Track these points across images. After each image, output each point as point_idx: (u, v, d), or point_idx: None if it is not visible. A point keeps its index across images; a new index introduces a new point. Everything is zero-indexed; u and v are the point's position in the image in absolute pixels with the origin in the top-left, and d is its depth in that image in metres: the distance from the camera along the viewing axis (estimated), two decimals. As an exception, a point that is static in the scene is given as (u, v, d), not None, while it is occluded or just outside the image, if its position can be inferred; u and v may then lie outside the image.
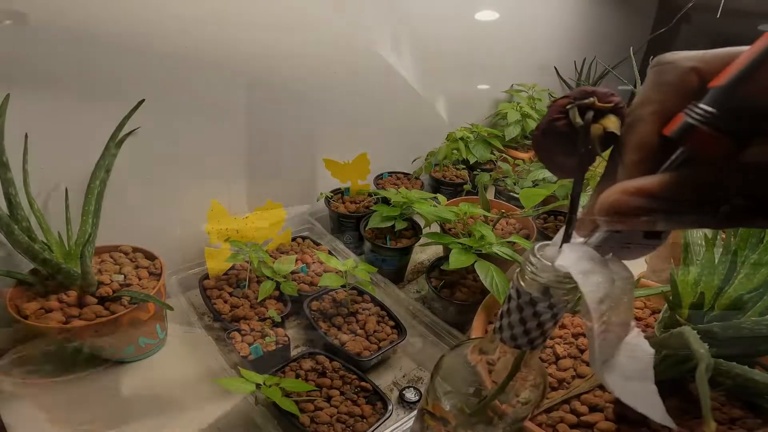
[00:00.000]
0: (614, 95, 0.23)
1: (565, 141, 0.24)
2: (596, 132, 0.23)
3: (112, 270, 0.64)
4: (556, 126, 0.24)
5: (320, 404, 0.57)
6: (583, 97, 0.23)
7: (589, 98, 0.23)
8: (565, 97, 0.24)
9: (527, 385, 0.36)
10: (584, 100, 0.23)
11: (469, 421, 0.37)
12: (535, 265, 0.25)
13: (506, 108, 1.22)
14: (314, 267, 0.82)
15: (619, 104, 0.23)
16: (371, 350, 0.65)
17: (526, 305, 0.26)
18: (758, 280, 0.42)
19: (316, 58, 0.84)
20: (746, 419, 0.43)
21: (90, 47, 0.58)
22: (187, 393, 0.63)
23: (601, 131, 0.23)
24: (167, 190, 0.74)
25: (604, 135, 0.23)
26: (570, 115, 0.23)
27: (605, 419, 0.44)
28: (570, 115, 0.23)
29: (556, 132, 0.24)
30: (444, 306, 0.73)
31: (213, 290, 0.73)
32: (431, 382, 0.39)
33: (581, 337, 0.54)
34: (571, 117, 0.23)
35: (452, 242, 0.67)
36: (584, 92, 0.23)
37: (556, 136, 0.24)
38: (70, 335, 0.56)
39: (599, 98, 0.23)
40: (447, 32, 1.07)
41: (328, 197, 0.93)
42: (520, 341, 0.28)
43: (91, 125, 0.62)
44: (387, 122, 1.06)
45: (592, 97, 0.23)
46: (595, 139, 0.23)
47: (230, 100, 0.75)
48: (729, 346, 0.42)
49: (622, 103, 0.23)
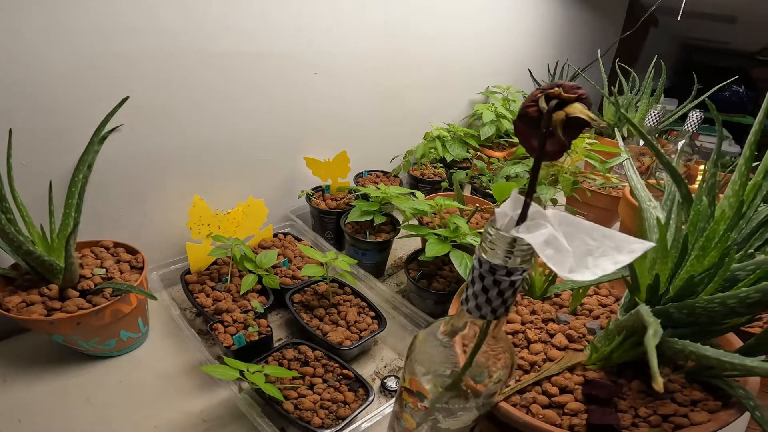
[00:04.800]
0: (579, 88, 0.27)
1: (535, 126, 0.27)
2: (558, 117, 0.26)
3: (93, 264, 0.64)
4: (528, 112, 0.28)
5: (303, 391, 0.59)
6: (551, 88, 0.27)
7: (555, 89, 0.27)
8: (538, 89, 0.28)
9: (499, 365, 0.38)
10: (551, 90, 0.27)
11: (444, 395, 0.39)
12: (492, 236, 0.27)
13: (482, 109, 1.26)
14: (296, 261, 0.83)
15: (583, 95, 0.26)
16: (352, 340, 0.67)
17: (487, 273, 0.29)
18: (708, 262, 0.45)
19: (298, 59, 0.86)
20: (707, 401, 0.45)
21: (74, 44, 0.59)
22: (170, 385, 0.64)
23: (563, 116, 0.26)
24: (149, 186, 0.75)
25: (566, 120, 0.26)
26: (539, 103, 0.27)
27: (575, 400, 0.46)
28: (539, 102, 0.27)
29: (529, 117, 0.28)
30: (422, 296, 0.75)
31: (195, 285, 0.74)
32: (407, 360, 0.41)
33: (551, 322, 0.57)
34: (539, 104, 0.27)
35: (429, 233, 0.70)
36: (553, 84, 0.27)
37: (529, 121, 0.28)
38: (52, 328, 0.56)
39: (565, 89, 0.26)
40: (424, 34, 1.10)
41: (309, 194, 0.95)
42: (484, 310, 0.30)
43: (75, 122, 0.63)
44: (367, 122, 1.08)
45: (558, 88, 0.27)
46: (557, 124, 0.26)
47: (213, 98, 0.76)
48: (685, 326, 0.45)
49: (586, 95, 0.27)
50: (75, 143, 0.63)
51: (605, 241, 0.25)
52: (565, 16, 1.71)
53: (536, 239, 0.25)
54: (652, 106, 1.38)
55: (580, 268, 0.25)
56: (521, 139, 0.29)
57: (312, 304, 0.73)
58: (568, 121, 0.26)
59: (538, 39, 1.60)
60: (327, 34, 0.88)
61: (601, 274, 0.24)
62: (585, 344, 0.53)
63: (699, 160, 1.29)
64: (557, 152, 0.27)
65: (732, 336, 0.52)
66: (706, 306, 0.41)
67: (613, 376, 0.49)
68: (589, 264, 0.25)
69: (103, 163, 0.66)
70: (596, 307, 0.60)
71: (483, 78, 1.41)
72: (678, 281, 0.47)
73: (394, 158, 1.18)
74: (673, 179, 0.52)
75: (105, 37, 0.61)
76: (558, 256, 0.25)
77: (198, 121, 0.76)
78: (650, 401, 0.46)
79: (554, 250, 0.25)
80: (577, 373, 0.50)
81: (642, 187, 0.60)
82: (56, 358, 0.65)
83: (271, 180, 0.94)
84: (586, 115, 0.26)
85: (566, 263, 0.25)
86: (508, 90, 1.38)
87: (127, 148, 0.69)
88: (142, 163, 0.72)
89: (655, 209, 0.57)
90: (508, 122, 1.25)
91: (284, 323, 0.77)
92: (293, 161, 0.96)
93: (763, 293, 0.35)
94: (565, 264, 0.25)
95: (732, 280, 0.43)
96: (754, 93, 3.41)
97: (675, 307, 0.44)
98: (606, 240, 0.25)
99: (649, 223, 0.55)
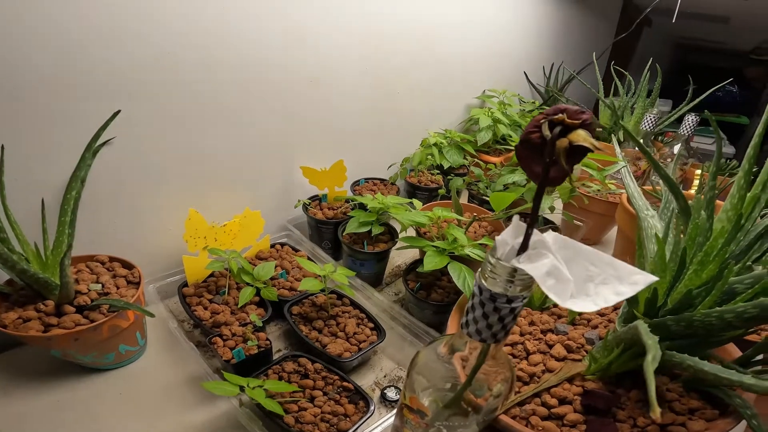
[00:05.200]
0: (584, 113, 0.26)
1: (538, 152, 0.27)
2: (561, 145, 0.26)
3: (89, 279, 0.64)
4: (531, 138, 0.27)
5: (304, 405, 0.59)
6: (554, 114, 0.26)
7: (559, 114, 0.26)
8: (541, 114, 0.27)
9: (499, 379, 0.38)
10: (555, 116, 0.26)
11: (444, 413, 0.39)
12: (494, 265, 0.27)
13: (478, 113, 1.26)
14: (294, 273, 0.83)
15: (587, 121, 0.26)
16: (352, 351, 0.67)
17: (488, 301, 0.29)
18: (706, 276, 0.46)
19: (293, 68, 0.85)
20: (704, 410, 0.45)
21: (63, 58, 0.59)
22: (170, 398, 0.63)
23: (566, 144, 0.25)
24: (144, 199, 0.74)
25: (569, 148, 0.25)
26: (542, 129, 0.26)
27: (574, 411, 0.46)
28: (542, 129, 0.26)
29: (531, 144, 0.27)
30: (421, 307, 0.75)
31: (192, 297, 0.74)
32: (408, 377, 0.41)
33: (549, 333, 0.57)
34: (543, 131, 0.26)
35: (427, 245, 0.70)
36: (557, 109, 0.26)
37: (531, 147, 0.27)
38: (49, 344, 0.56)
39: (569, 115, 0.26)
40: (418, 40, 1.10)
41: (306, 204, 0.95)
42: (484, 335, 0.30)
43: (67, 136, 0.62)
44: (363, 129, 1.08)
45: (562, 114, 0.26)
46: (560, 152, 0.25)
47: (207, 109, 0.76)
48: (683, 338, 0.45)
49: (590, 120, 0.26)
50: (67, 157, 0.62)
51: (607, 269, 0.25)
52: (560, 18, 1.71)
53: (538, 270, 0.25)
54: (647, 109, 1.38)
55: (580, 296, 0.25)
56: (523, 164, 0.29)
57: (311, 315, 0.73)
58: (572, 148, 0.26)
59: (533, 41, 1.60)
60: (321, 43, 0.88)
61: (603, 304, 0.24)
62: (584, 354, 0.53)
63: (695, 164, 1.30)
64: (559, 179, 0.27)
65: (731, 346, 0.52)
66: (704, 320, 0.41)
67: (612, 386, 0.49)
68: (590, 291, 0.25)
69: (96, 177, 0.66)
70: (594, 316, 0.60)
71: (479, 82, 1.41)
72: (676, 294, 0.47)
73: (391, 166, 1.18)
74: (671, 191, 0.53)
75: (97, 48, 0.61)
76: (559, 286, 0.25)
77: (192, 132, 0.76)
78: (648, 411, 0.46)
79: (556, 281, 0.25)
80: (576, 383, 0.50)
81: (639, 195, 0.61)
82: (55, 370, 0.65)
83: (267, 190, 0.94)
84: (589, 143, 0.25)
85: (567, 292, 0.25)
86: (504, 94, 1.38)
87: (121, 161, 0.69)
88: (136, 175, 0.72)
89: (653, 218, 0.58)
90: (504, 127, 1.25)
91: (282, 334, 0.77)
92: (290, 171, 0.96)
93: (761, 309, 0.35)
94: (566, 293, 0.25)
95: (730, 293, 0.43)
96: (748, 92, 3.43)
97: (673, 319, 0.44)
98: (608, 268, 0.25)
99: (647, 233, 0.56)
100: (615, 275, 0.25)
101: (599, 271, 0.25)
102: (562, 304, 0.25)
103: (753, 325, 0.39)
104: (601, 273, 0.25)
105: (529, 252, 0.27)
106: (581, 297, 0.25)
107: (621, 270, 0.25)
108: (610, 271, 0.25)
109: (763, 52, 3.34)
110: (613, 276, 0.25)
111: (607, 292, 0.24)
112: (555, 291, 0.25)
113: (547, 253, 0.26)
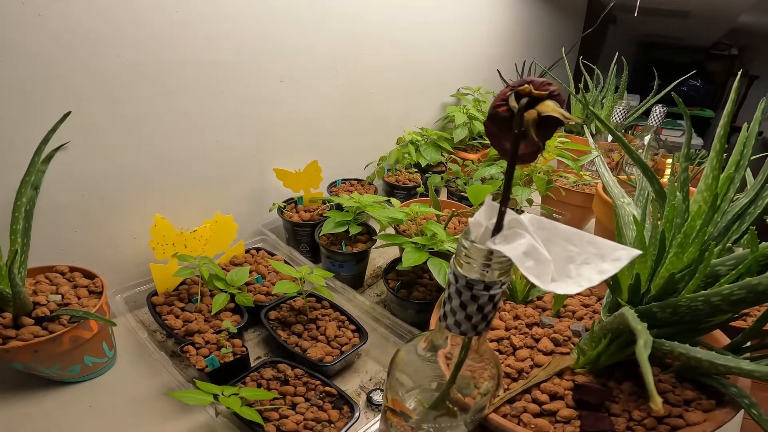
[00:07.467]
0: (551, 84, 0.25)
1: (507, 127, 0.25)
2: (530, 116, 0.24)
3: (48, 291, 0.60)
4: (499, 112, 0.25)
5: (285, 412, 0.56)
6: (520, 85, 0.25)
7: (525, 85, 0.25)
8: (507, 86, 0.26)
9: (486, 376, 0.37)
10: (521, 87, 0.25)
11: (430, 415, 0.37)
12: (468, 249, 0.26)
13: (453, 111, 1.25)
14: (270, 277, 0.80)
15: (554, 92, 0.24)
16: (333, 355, 0.65)
17: (464, 289, 0.27)
18: (687, 259, 0.45)
19: (261, 68, 0.83)
20: (700, 401, 0.44)
21: (12, 57, 0.55)
22: (142, 410, 0.60)
23: (535, 115, 0.24)
24: (106, 206, 0.71)
25: (539, 119, 0.24)
26: (509, 101, 0.25)
27: (566, 406, 0.45)
28: (509, 101, 0.25)
29: (499, 118, 0.26)
30: (403, 306, 0.73)
31: (163, 306, 0.70)
32: (389, 378, 0.39)
33: (535, 326, 0.56)
34: (509, 103, 0.25)
35: (405, 242, 0.68)
36: (523, 81, 0.25)
37: (500, 122, 0.26)
38: (8, 356, 0.54)
39: (535, 86, 0.24)
40: (391, 38, 1.09)
41: (281, 207, 0.92)
42: (464, 327, 0.28)
43: (19, 140, 0.58)
44: (338, 130, 1.06)
45: (528, 84, 0.25)
46: (529, 123, 0.24)
47: (171, 110, 0.73)
48: (670, 326, 0.44)
49: (557, 91, 0.25)
50: (20, 163, 0.58)
51: (588, 248, 0.24)
52: (530, 16, 1.73)
53: (515, 251, 0.23)
54: (616, 102, 1.41)
55: (562, 278, 0.24)
56: (493, 141, 0.27)
57: (289, 320, 0.70)
58: (541, 120, 0.24)
59: (504, 39, 1.61)
60: (291, 41, 0.86)
61: (587, 285, 0.22)
62: (571, 347, 0.52)
63: (665, 154, 1.32)
64: (531, 154, 0.25)
65: (718, 333, 0.52)
66: (690, 304, 0.40)
67: (603, 378, 0.48)
68: (572, 273, 0.24)
69: (53, 184, 0.62)
70: (579, 308, 0.59)
71: (453, 80, 1.41)
72: (659, 279, 0.46)
73: (368, 165, 1.16)
74: (645, 176, 0.52)
75: (52, 48, 0.57)
76: (539, 268, 0.23)
77: (155, 135, 0.72)
78: (643, 403, 0.45)
79: (535, 262, 0.23)
80: (566, 377, 0.48)
81: (614, 184, 0.60)
82: (23, 383, 0.62)
83: (239, 194, 0.91)
84: (558, 113, 0.24)
85: (547, 274, 0.23)
86: (478, 91, 1.39)
87: (80, 167, 0.65)
88: (97, 181, 0.68)
89: (629, 206, 0.57)
90: (480, 124, 1.25)
91: (262, 341, 0.74)
92: (263, 173, 0.93)
93: (747, 290, 0.35)
94: (546, 275, 0.23)
95: (713, 276, 0.42)
96: (711, 86, 3.56)
97: (658, 306, 0.43)
98: (588, 246, 0.24)
99: (625, 220, 0.55)
100: (596, 253, 0.23)
101: (580, 251, 0.24)
102: (543, 287, 0.23)
103: (741, 308, 0.38)
104: (582, 252, 0.24)
105: (505, 232, 0.25)
106: (563, 279, 0.24)
107: (602, 247, 0.23)
108: (591, 249, 0.24)
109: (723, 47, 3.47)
110: (594, 254, 0.23)
111: (590, 272, 0.23)
112: (535, 273, 0.23)
113: (523, 232, 0.24)
